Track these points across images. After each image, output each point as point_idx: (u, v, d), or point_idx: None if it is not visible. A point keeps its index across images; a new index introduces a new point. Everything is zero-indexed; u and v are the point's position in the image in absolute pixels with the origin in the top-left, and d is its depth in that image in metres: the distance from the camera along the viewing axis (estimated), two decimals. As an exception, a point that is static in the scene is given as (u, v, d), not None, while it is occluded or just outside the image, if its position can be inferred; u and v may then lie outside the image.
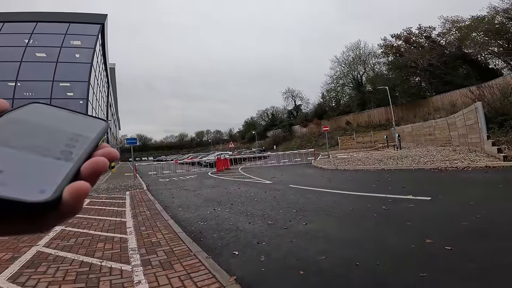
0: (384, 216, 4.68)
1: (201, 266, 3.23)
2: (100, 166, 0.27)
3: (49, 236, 4.68)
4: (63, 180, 0.24)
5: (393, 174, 9.77)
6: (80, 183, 0.25)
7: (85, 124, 0.32)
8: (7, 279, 3.00)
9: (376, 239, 3.71)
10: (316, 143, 40.61)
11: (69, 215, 0.25)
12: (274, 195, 7.59)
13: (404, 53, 33.79)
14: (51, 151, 0.26)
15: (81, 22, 19.43)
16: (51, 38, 18.10)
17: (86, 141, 0.29)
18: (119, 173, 24.46)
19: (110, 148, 0.31)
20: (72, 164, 0.26)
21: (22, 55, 17.01)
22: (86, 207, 7.69)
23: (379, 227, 4.19)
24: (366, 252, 3.33)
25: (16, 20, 17.98)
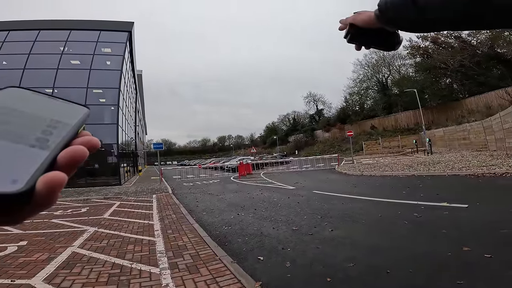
0: (416, 224, 4.45)
1: (227, 270, 3.24)
2: (78, 155, 0.25)
3: (83, 237, 4.95)
4: (37, 170, 0.22)
5: (424, 180, 9.27)
6: (55, 173, 0.23)
7: (65, 110, 0.30)
8: (43, 280, 3.13)
9: (408, 247, 3.54)
10: (339, 148, 39.70)
11: (43, 207, 0.23)
12: (297, 201, 7.49)
13: (432, 54, 32.29)
14: (25, 138, 0.24)
15: (110, 29, 20.54)
16: (84, 45, 19.30)
17: (65, 128, 0.27)
18: (146, 176, 25.43)
19: (90, 136, 0.29)
20: (48, 152, 0.24)
21: (58, 63, 18.24)
22: (117, 209, 8.06)
23: (410, 235, 4.00)
24: (397, 259, 3.18)
25: (52, 28, 19.43)
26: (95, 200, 10.59)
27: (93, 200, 10.76)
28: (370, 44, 0.68)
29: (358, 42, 0.67)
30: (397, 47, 0.67)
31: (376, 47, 0.68)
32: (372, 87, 44.15)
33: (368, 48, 0.69)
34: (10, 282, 3.07)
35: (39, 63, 17.82)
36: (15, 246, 4.46)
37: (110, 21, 21.31)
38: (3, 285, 3.00)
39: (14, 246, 4.43)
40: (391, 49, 0.68)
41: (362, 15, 0.63)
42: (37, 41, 18.60)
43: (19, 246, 4.44)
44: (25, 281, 3.09)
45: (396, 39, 0.65)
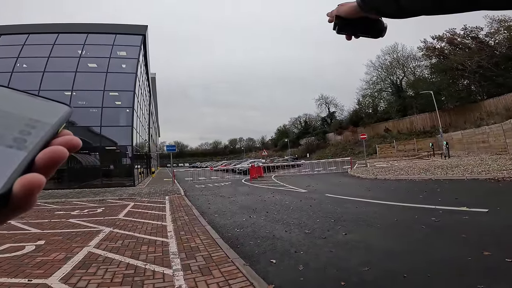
0: (434, 228, 4.32)
1: (239, 273, 3.23)
2: (58, 155, 0.24)
3: (99, 237, 5.06)
4: (14, 172, 0.21)
5: (442, 184, 8.99)
6: (32, 175, 0.22)
7: (45, 109, 0.28)
8: (60, 280, 3.18)
9: (426, 251, 3.44)
10: (352, 152, 39.13)
11: (20, 211, 0.23)
12: (310, 204, 7.41)
13: (448, 55, 31.40)
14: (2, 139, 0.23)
15: (125, 33, 20.99)
16: (100, 49, 19.83)
17: (44, 128, 0.26)
18: (158, 178, 25.85)
19: (71, 136, 0.27)
20: (25, 153, 0.23)
21: (77, 66, 18.79)
22: (131, 210, 8.21)
23: (428, 239, 3.89)
24: (414, 263, 3.10)
25: (70, 32, 20.06)
26: (110, 201, 10.83)
27: (108, 200, 11.01)
28: (357, 33, 0.70)
29: (346, 33, 0.70)
30: (383, 34, 0.69)
31: (364, 36, 0.71)
32: (386, 89, 43.32)
33: (357, 37, 0.72)
34: (27, 281, 3.12)
35: (58, 66, 18.42)
36: (33, 245, 4.57)
37: (125, 25, 21.84)
38: (20, 284, 3.04)
39: (32, 246, 4.54)
40: (378, 36, 0.70)
41: (345, 6, 0.66)
42: (56, 44, 19.24)
43: (37, 246, 4.55)
44: (42, 280, 3.14)
45: (381, 26, 0.69)
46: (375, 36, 0.70)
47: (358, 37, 0.72)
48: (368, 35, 0.70)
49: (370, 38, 0.71)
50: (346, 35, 0.71)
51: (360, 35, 0.71)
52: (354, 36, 0.71)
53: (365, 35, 0.70)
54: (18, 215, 0.24)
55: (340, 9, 0.67)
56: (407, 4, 0.54)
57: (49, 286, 3.01)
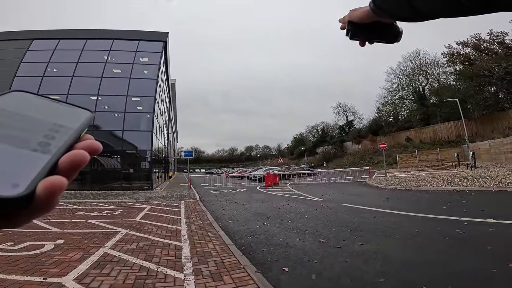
0: (458, 240, 4.10)
1: (250, 280, 3.17)
2: (80, 159, 0.25)
3: (115, 239, 5.17)
4: (38, 174, 0.22)
5: (467, 196, 8.52)
6: (55, 177, 0.22)
7: (68, 114, 0.30)
8: (74, 279, 3.24)
9: (448, 262, 3.27)
10: (370, 161, 38.01)
11: (43, 211, 0.23)
12: (325, 213, 7.23)
13: (474, 61, 30.06)
14: (27, 143, 0.24)
15: (148, 39, 21.73)
16: (125, 55, 20.64)
17: (67, 132, 0.27)
18: (175, 182, 26.28)
19: (92, 141, 0.28)
20: (49, 156, 0.24)
21: (103, 71, 19.63)
22: (147, 213, 8.37)
23: (451, 251, 3.68)
24: (435, 275, 2.94)
25: (97, 38, 21.04)
26: (129, 203, 11.11)
27: (126, 203, 11.30)
28: (371, 38, 0.68)
29: (359, 38, 0.68)
30: (399, 39, 0.67)
31: (378, 41, 0.69)
32: (408, 96, 41.94)
33: (371, 43, 0.69)
34: (42, 280, 3.19)
35: (86, 71, 19.31)
36: (52, 244, 4.72)
37: (147, 31, 22.64)
38: (35, 282, 3.11)
39: (51, 244, 4.69)
40: (394, 41, 0.68)
41: (358, 11, 0.64)
42: (84, 50, 20.25)
43: (55, 245, 4.69)
44: (57, 279, 3.21)
45: (396, 31, 0.66)
46: (390, 41, 0.68)
47: (372, 43, 0.69)
48: (383, 41, 0.68)
49: (384, 43, 0.68)
50: (359, 41, 0.69)
51: (374, 41, 0.69)
52: (368, 42, 0.69)
53: (379, 41, 0.68)
54: (40, 216, 0.24)
55: (353, 15, 0.65)
56: (422, 6, 0.52)
57: (63, 285, 3.06)
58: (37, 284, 3.06)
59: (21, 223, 0.23)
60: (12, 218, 0.22)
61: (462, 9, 0.48)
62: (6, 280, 3.10)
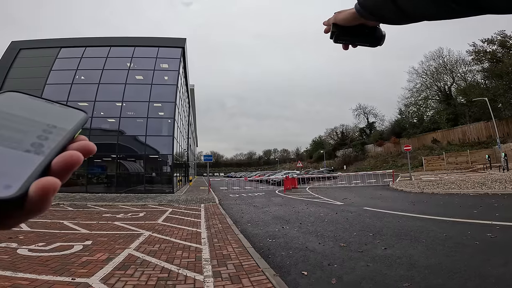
0: (490, 244, 3.89)
1: (268, 283, 3.15)
2: (73, 160, 0.25)
3: (139, 240, 5.34)
4: (31, 175, 0.22)
5: (500, 199, 7.99)
6: (48, 179, 0.22)
7: (62, 115, 0.30)
8: (100, 280, 3.35)
9: (478, 267, 3.09)
10: (394, 164, 36.65)
11: (36, 213, 0.23)
12: (346, 217, 7.05)
13: (502, 58, 28.29)
14: (20, 143, 0.24)
15: (167, 46, 22.40)
16: (146, 61, 21.40)
17: (61, 133, 0.27)
18: (195, 186, 26.74)
19: (87, 142, 0.28)
20: (42, 157, 0.24)
21: (126, 78, 20.44)
22: (169, 216, 8.58)
23: (482, 255, 3.48)
24: (464, 280, 2.80)
25: (120, 45, 21.96)
26: (151, 206, 11.44)
27: (149, 205, 11.65)
28: (355, 41, 0.68)
29: (343, 41, 0.68)
30: (382, 42, 0.67)
31: (362, 44, 0.68)
32: (433, 96, 40.07)
33: (355, 46, 0.69)
34: (70, 280, 3.33)
35: (111, 78, 20.17)
36: (81, 245, 4.94)
37: (166, 38, 23.34)
38: (64, 282, 3.24)
39: (80, 245, 4.91)
40: (377, 45, 0.67)
41: (343, 13, 0.63)
42: (109, 57, 21.18)
43: (84, 246, 4.90)
44: (85, 279, 3.33)
45: (379, 34, 0.66)
46: (374, 44, 0.68)
47: (356, 46, 0.70)
48: (367, 44, 0.68)
49: (368, 46, 0.69)
50: (343, 44, 0.69)
51: (358, 44, 0.69)
52: (352, 45, 0.69)
53: (363, 44, 0.68)
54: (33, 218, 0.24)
55: (338, 17, 0.65)
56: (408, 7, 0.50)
57: (89, 285, 3.17)
58: (66, 284, 3.20)
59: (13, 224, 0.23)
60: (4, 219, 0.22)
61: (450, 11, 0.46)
62: (37, 280, 3.25)
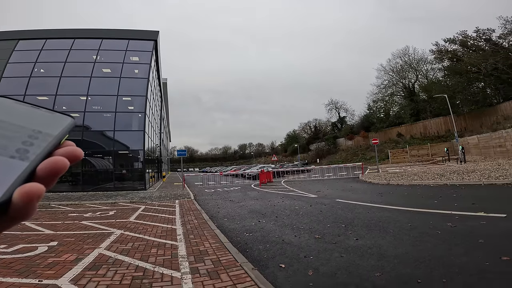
0: (450, 233, 4.20)
1: (247, 277, 3.19)
2: (59, 166, 0.25)
3: (110, 239, 5.12)
4: (15, 181, 0.22)
5: (458, 189, 8.72)
6: (32, 185, 0.22)
7: (48, 120, 0.29)
8: (69, 281, 3.21)
9: (441, 256, 3.34)
10: (363, 157, 38.44)
11: (20, 219, 0.23)
12: (320, 209, 7.30)
13: (462, 57, 30.71)
14: (5, 149, 0.24)
15: (138, 38, 21.39)
16: (114, 54, 20.27)
17: (46, 139, 0.27)
18: (169, 182, 26.08)
19: (73, 147, 0.28)
20: (27, 163, 0.24)
21: (92, 71, 19.22)
22: (142, 213, 8.30)
23: (444, 244, 3.76)
24: (429, 269, 3.00)
25: (85, 37, 20.58)
26: (122, 204, 10.98)
27: (120, 203, 11.18)
28: None
29: None
30: None
31: None
32: (398, 93, 42.51)
33: None
34: (37, 282, 3.16)
35: (74, 71, 18.91)
36: (45, 246, 4.66)
37: (137, 30, 22.29)
38: (31, 284, 3.08)
39: (44, 246, 4.63)
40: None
41: None
42: (72, 49, 19.80)
43: (49, 247, 4.63)
44: (52, 281, 3.17)
45: None
46: None
47: None
48: None
49: None
50: None
51: None
52: None
53: None
54: (17, 224, 0.24)
55: None
56: None
57: (59, 287, 3.04)
58: (33, 287, 3.04)
59: None
60: None
61: None
62: (2, 283, 3.06)
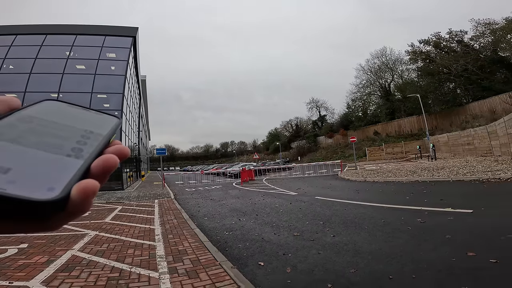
0: (420, 229, 4.40)
1: (226, 276, 3.20)
2: (111, 163, 0.26)
3: (83, 241, 4.94)
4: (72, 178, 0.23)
5: (428, 186, 9.18)
6: (88, 181, 0.24)
7: (97, 121, 0.32)
8: (41, 282, 3.12)
9: (412, 252, 3.49)
10: (342, 154, 39.52)
11: (77, 214, 0.24)
12: (299, 207, 7.43)
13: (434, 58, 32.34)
14: (61, 149, 0.26)
15: (115, 35, 20.70)
16: (89, 50, 19.48)
17: (98, 138, 0.29)
18: (148, 181, 25.44)
19: (121, 146, 0.30)
20: (82, 161, 0.25)
21: (64, 67, 18.38)
22: (118, 214, 8.05)
23: (414, 240, 3.93)
24: (401, 265, 3.13)
25: (58, 33, 19.62)
26: (97, 205, 10.58)
27: (95, 204, 10.76)
28: None
29: None
30: None
31: None
32: (375, 92, 44.04)
33: None
34: (8, 284, 3.06)
35: (45, 67, 18.02)
36: (15, 248, 4.46)
37: (115, 26, 21.58)
38: (2, 286, 2.99)
39: (14, 249, 4.43)
40: None
41: None
42: (43, 45, 18.85)
43: (19, 249, 4.44)
44: (23, 283, 3.08)
45: None
46: None
47: None
48: None
49: None
50: None
51: None
52: None
53: None
54: (74, 219, 0.26)
55: None
56: None
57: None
58: None
59: (57, 226, 0.24)
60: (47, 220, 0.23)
61: None
62: (-32, 288, 2.91)
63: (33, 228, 0.23)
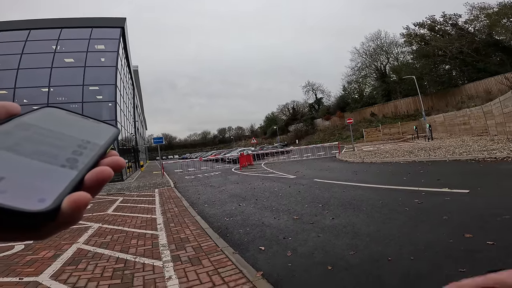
0: (417, 210, 4.45)
1: (228, 261, 3.28)
2: (104, 176, 0.26)
3: (88, 234, 5.01)
4: (65, 190, 0.23)
5: (425, 166, 9.27)
6: (80, 194, 0.23)
7: (95, 130, 0.31)
8: (50, 277, 3.19)
9: (409, 233, 3.54)
10: (340, 136, 39.68)
11: (67, 225, 0.24)
12: (298, 190, 7.53)
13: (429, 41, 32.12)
14: (56, 158, 0.25)
15: (102, 26, 20.26)
16: (76, 43, 19.12)
17: (94, 149, 0.28)
18: (148, 171, 25.54)
19: (117, 157, 0.30)
20: (76, 172, 0.25)
21: (52, 61, 18.06)
22: (120, 205, 8.12)
23: (411, 221, 3.99)
24: (399, 246, 3.20)
25: (42, 27, 19.12)
26: (98, 197, 10.64)
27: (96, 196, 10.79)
28: None
29: None
30: None
31: None
32: (371, 74, 43.89)
33: None
34: (18, 280, 3.12)
35: (33, 62, 17.70)
36: (21, 244, 4.51)
37: (101, 18, 21.09)
38: (12, 283, 3.04)
39: (21, 245, 4.48)
40: None
41: None
42: (28, 40, 18.44)
43: (25, 245, 4.49)
44: (33, 278, 3.14)
45: None
46: None
47: None
48: None
49: None
50: None
51: None
52: None
53: None
54: (64, 229, 0.25)
55: None
56: None
57: (40, 283, 3.01)
58: (14, 284, 3.01)
59: (47, 235, 0.24)
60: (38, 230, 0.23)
61: None
62: (-20, 284, 2.98)
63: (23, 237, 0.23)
